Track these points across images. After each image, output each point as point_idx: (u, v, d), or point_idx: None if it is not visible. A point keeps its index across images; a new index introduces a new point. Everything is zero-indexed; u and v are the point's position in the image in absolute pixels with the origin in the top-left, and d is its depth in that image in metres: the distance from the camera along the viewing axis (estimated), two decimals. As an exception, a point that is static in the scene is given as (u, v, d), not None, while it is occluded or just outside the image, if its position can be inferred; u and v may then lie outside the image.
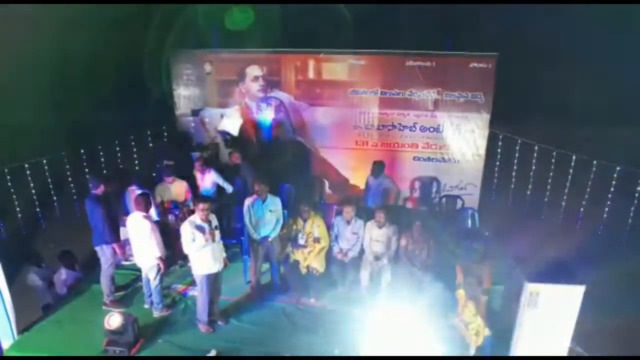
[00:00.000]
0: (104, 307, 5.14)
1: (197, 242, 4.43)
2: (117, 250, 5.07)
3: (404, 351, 3.91)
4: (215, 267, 4.65)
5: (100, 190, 5.00)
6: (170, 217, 5.81)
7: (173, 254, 5.81)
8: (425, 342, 4.47)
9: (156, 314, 5.05)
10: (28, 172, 7.21)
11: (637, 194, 6.93)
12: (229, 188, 6.39)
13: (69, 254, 5.63)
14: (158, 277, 4.93)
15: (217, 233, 4.64)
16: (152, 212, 5.47)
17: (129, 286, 5.70)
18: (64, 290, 5.45)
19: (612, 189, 7.18)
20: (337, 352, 4.49)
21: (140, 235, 4.76)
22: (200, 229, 4.45)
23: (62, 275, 5.46)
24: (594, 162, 7.19)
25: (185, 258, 5.69)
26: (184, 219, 5.26)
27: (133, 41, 8.58)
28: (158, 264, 4.87)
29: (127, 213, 5.41)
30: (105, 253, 5.06)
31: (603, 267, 6.88)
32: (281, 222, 5.36)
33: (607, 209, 7.39)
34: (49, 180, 7.55)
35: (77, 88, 8.44)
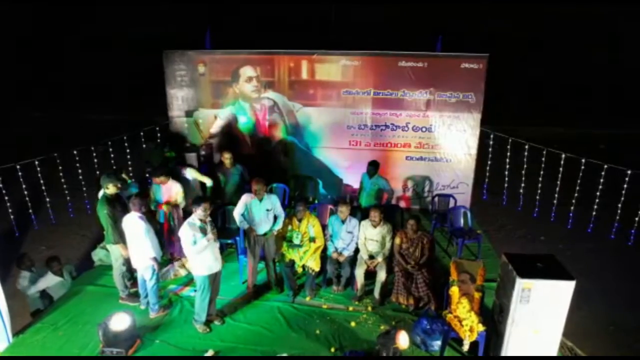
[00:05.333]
0: (120, 302, 5.27)
1: (199, 244, 4.43)
2: (122, 251, 5.06)
3: (400, 348, 3.97)
4: (216, 266, 4.68)
5: (109, 190, 5.01)
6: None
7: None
8: (420, 339, 4.56)
9: (152, 315, 5.05)
10: (20, 173, 7.15)
11: (624, 192, 7.07)
12: (208, 182, 6.40)
13: (56, 259, 5.59)
14: (154, 278, 4.93)
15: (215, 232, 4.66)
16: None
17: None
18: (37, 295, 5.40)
19: (601, 187, 7.32)
20: (333, 351, 4.54)
21: (134, 235, 4.77)
22: (201, 230, 4.48)
23: (47, 280, 5.42)
24: (583, 160, 7.32)
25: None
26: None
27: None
28: (153, 265, 4.87)
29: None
30: (113, 252, 5.17)
31: (594, 262, 7.05)
32: (282, 216, 5.36)
33: (596, 206, 7.54)
34: (42, 182, 7.49)
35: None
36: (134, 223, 4.74)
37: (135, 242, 4.80)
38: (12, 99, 19.30)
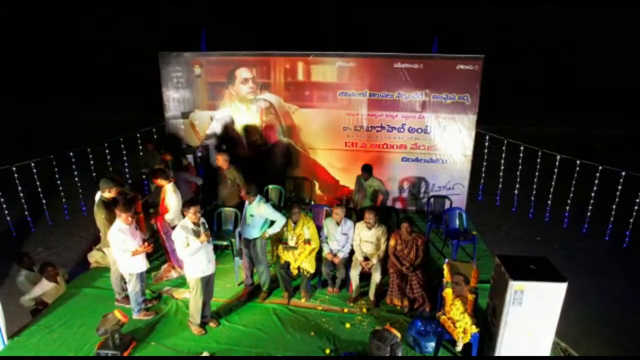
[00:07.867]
0: (115, 304, 5.25)
1: (192, 246, 4.43)
2: None
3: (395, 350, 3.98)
4: (209, 268, 4.68)
5: (107, 193, 5.00)
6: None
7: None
8: (415, 340, 4.57)
9: (134, 316, 5.02)
10: (15, 175, 7.15)
11: (618, 193, 7.10)
12: (198, 180, 6.45)
13: (50, 265, 5.56)
14: (131, 284, 4.91)
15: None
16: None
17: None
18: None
19: (596, 188, 7.35)
20: (328, 353, 4.56)
21: (116, 242, 4.73)
22: (194, 232, 4.49)
23: (42, 287, 5.42)
24: (577, 161, 7.35)
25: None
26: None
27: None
28: (130, 272, 4.85)
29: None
30: (110, 255, 5.15)
31: (589, 263, 7.07)
32: (280, 221, 5.18)
33: (591, 207, 7.56)
34: (38, 183, 7.49)
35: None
36: (114, 230, 4.68)
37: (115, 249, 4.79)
38: (11, 98, 19.30)
